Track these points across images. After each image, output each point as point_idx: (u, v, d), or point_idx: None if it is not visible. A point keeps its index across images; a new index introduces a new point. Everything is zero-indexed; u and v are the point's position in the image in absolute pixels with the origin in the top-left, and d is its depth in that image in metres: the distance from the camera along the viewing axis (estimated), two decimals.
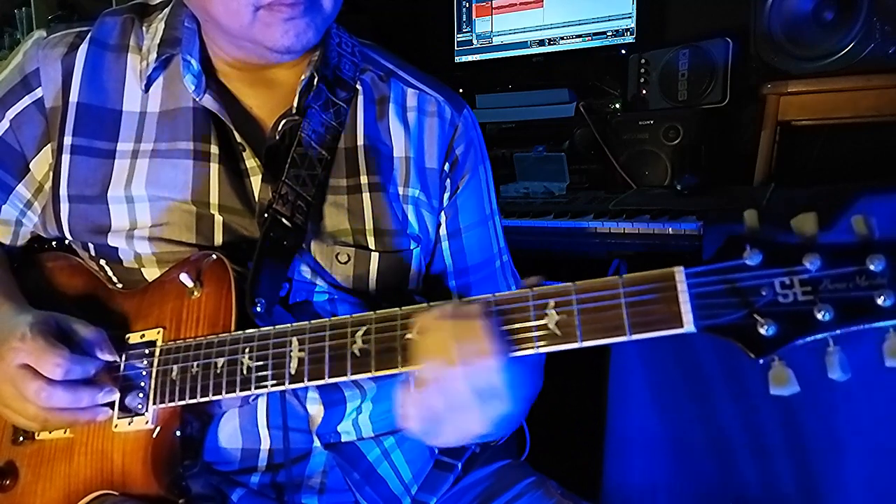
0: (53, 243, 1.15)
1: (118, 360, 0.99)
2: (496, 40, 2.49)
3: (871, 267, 0.62)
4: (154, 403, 0.96)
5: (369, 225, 1.08)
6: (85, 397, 0.94)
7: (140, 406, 0.97)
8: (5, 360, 0.92)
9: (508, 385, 0.77)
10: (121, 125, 1.06)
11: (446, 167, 1.15)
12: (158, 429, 0.96)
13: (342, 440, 1.08)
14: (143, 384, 0.97)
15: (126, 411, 0.97)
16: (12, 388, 0.93)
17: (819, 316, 0.64)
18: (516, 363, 0.78)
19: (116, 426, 0.97)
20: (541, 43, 2.39)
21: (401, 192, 1.11)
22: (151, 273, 1.05)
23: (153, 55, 1.05)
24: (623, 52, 2.25)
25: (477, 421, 0.80)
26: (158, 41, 1.06)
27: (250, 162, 1.05)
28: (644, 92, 2.20)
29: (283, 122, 1.06)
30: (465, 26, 2.54)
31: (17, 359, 0.92)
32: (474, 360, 0.76)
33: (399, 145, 1.12)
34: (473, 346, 0.76)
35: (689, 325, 0.69)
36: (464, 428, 0.81)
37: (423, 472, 1.16)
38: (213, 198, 1.03)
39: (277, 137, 1.06)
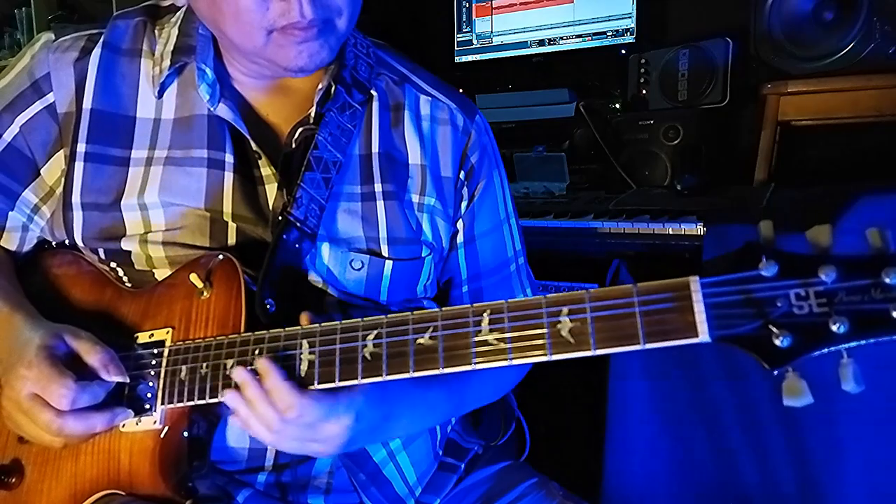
0: (54, 243, 1.13)
1: (128, 380, 0.97)
2: (496, 40, 2.48)
3: (887, 280, 0.62)
4: (162, 403, 0.95)
5: (383, 233, 1.07)
6: (98, 424, 0.93)
7: (148, 406, 0.96)
8: (15, 388, 0.92)
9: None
10: (135, 132, 1.05)
11: (461, 175, 1.14)
12: (166, 429, 0.95)
13: None
14: (151, 384, 0.97)
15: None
16: (25, 418, 0.93)
17: (834, 328, 0.63)
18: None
19: (124, 426, 0.97)
20: (541, 43, 2.39)
21: (416, 201, 1.10)
22: (163, 275, 1.04)
23: (166, 62, 1.04)
24: (623, 52, 2.25)
25: (317, 449, 0.93)
26: (172, 48, 1.05)
27: (266, 170, 1.04)
28: (644, 92, 2.20)
29: (300, 130, 1.06)
30: (465, 26, 2.54)
31: (25, 388, 0.91)
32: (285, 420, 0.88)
33: (414, 154, 1.12)
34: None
35: (703, 335, 0.69)
36: (306, 449, 0.93)
37: (428, 473, 1.16)
38: (227, 206, 1.03)
39: (294, 146, 1.05)
